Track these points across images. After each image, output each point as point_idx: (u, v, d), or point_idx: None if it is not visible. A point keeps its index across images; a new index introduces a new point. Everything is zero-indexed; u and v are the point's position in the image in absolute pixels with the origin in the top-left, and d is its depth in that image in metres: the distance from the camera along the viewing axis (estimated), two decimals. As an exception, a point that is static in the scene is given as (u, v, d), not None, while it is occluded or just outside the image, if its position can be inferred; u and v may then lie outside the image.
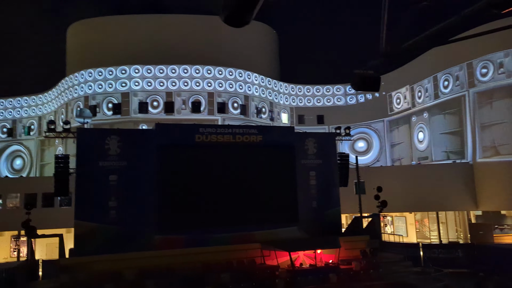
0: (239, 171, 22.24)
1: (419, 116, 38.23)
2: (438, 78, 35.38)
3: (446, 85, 34.62)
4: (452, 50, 33.80)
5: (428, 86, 36.58)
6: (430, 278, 21.49)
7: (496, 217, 32.10)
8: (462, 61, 33.01)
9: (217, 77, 38.11)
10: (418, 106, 37.94)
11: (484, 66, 31.57)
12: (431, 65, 36.10)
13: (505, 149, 30.06)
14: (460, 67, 33.30)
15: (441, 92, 35.10)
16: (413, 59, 38.54)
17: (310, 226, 22.61)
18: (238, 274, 18.44)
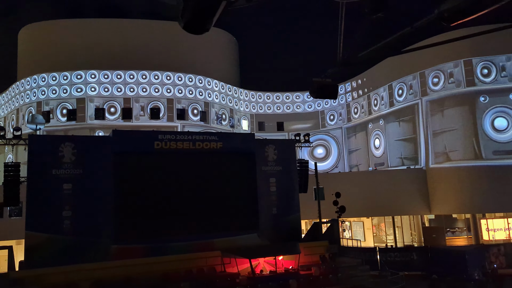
0: (199, 178, 22.00)
1: (375, 123, 39.46)
2: (393, 87, 36.73)
3: (400, 93, 35.98)
4: (406, 60, 35.27)
5: (384, 95, 37.89)
6: (387, 281, 22.08)
7: (448, 221, 33.58)
8: (415, 70, 34.48)
9: (176, 83, 37.69)
10: (374, 114, 39.18)
11: (436, 75, 33.11)
12: (386, 74, 37.45)
13: (456, 155, 31.55)
14: (413, 76, 34.74)
15: (396, 100, 36.44)
16: (369, 68, 39.88)
17: (271, 232, 22.69)
18: (198, 282, 18.16)
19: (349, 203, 26.05)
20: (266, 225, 22.98)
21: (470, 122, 31.19)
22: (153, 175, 21.27)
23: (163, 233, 20.35)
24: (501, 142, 30.33)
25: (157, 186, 21.15)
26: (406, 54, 28.86)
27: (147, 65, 37.44)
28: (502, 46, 30.84)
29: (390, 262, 25.08)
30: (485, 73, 31.16)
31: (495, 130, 30.51)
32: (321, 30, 36.35)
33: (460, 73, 31.82)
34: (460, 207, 31.36)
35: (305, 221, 32.58)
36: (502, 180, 29.32)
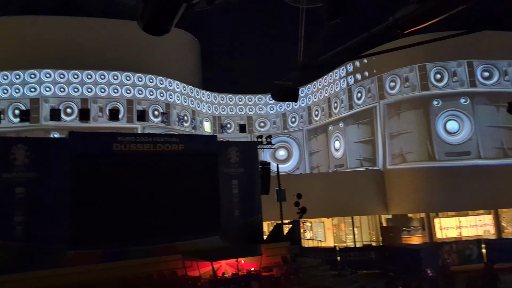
0: (159, 181, 21.64)
1: (335, 125, 40.35)
2: (352, 90, 37.70)
3: (359, 96, 36.99)
4: (364, 64, 36.40)
5: (343, 98, 38.81)
6: (347, 280, 22.61)
7: (404, 220, 34.82)
8: (373, 74, 35.59)
9: (136, 84, 36.93)
10: (335, 116, 40.05)
11: (392, 80, 34.30)
12: (346, 77, 38.42)
13: (411, 157, 32.79)
14: (371, 80, 35.82)
15: (355, 103, 37.42)
16: (329, 72, 40.77)
17: (233, 234, 22.65)
18: (159, 287, 17.84)
19: (310, 204, 26.44)
20: (228, 227, 22.93)
21: (424, 125, 32.52)
22: (112, 178, 20.71)
23: (122, 237, 19.84)
24: (452, 144, 31.82)
25: (116, 189, 20.61)
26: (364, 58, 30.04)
27: (105, 65, 36.43)
28: (453, 52, 32.39)
29: (349, 261, 25.69)
30: (438, 78, 32.60)
31: (447, 132, 31.97)
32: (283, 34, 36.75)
33: (415, 78, 33.12)
34: (415, 206, 32.61)
35: (267, 223, 32.78)
36: (453, 181, 30.76)
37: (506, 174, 28.96)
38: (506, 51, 32.76)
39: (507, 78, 32.50)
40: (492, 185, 30.10)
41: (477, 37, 32.49)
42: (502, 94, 31.30)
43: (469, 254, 25.77)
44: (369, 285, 15.80)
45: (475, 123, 31.71)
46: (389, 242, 30.43)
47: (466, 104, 32.12)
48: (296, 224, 25.51)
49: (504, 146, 31.52)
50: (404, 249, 26.47)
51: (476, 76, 32.34)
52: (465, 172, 30.90)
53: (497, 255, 25.12)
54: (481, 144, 31.51)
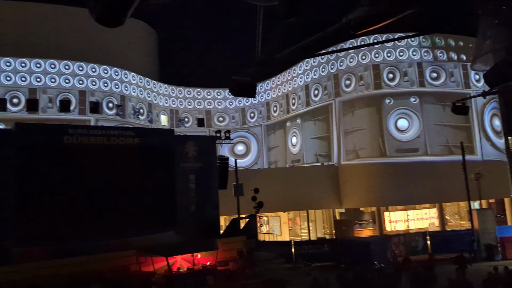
0: (113, 176, 21.09)
1: (292, 121, 40.96)
2: (310, 87, 38.40)
3: (316, 93, 37.74)
4: (321, 62, 37.16)
5: (301, 94, 39.45)
6: (301, 273, 23.12)
7: (356, 214, 36.06)
8: (330, 72, 36.41)
9: (90, 74, 35.65)
10: (292, 113, 40.64)
11: (348, 78, 35.25)
12: (303, 75, 39.07)
13: (364, 153, 33.93)
14: (328, 78, 36.63)
15: (312, 100, 38.14)
16: (288, 68, 41.27)
17: (189, 229, 22.50)
18: (111, 283, 17.43)
19: (267, 199, 26.77)
20: (185, 222, 22.75)
21: (376, 122, 33.72)
22: (63, 172, 19.96)
23: (72, 233, 19.22)
24: (402, 141, 33.23)
25: (67, 183, 19.89)
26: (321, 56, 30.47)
27: (56, 53, 34.87)
28: (403, 53, 33.75)
29: (304, 254, 26.26)
30: (390, 78, 33.87)
31: (398, 130, 33.34)
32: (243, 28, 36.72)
33: (369, 77, 34.23)
34: (367, 201, 33.84)
35: (224, 217, 32.84)
36: (403, 176, 32.18)
37: (451, 170, 30.60)
38: (453, 53, 34.55)
39: (453, 79, 34.30)
40: (438, 181, 31.76)
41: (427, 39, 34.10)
42: (448, 94, 33.00)
43: (415, 246, 27.07)
44: (321, 277, 16.24)
45: (423, 121, 33.28)
46: (342, 235, 31.40)
47: (416, 103, 33.61)
48: (253, 219, 25.75)
49: (449, 143, 33.30)
50: (355, 242, 27.41)
51: (425, 76, 33.89)
52: (413, 168, 32.40)
53: (440, 247, 26.59)
54: (428, 142, 33.14)
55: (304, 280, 20.15)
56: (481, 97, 31.49)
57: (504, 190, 35.66)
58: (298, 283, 19.83)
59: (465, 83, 34.47)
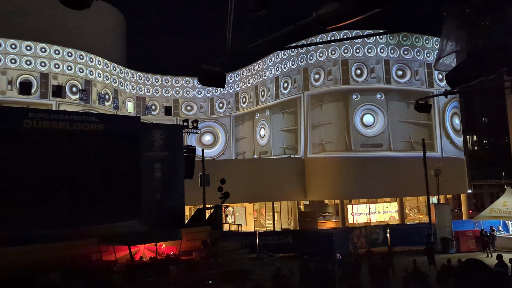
0: (76, 162, 20.48)
1: (261, 113, 41.06)
2: (279, 80, 38.56)
3: (285, 86, 37.95)
4: (291, 55, 37.33)
5: (271, 86, 39.56)
6: (264, 263, 23.40)
7: (320, 206, 36.76)
8: (300, 66, 36.66)
9: (53, 57, 34.31)
10: (261, 104, 40.73)
11: (317, 72, 35.63)
12: (274, 67, 39.15)
13: (330, 146, 34.52)
14: (297, 71, 36.89)
15: (281, 92, 38.34)
16: (258, 60, 41.23)
17: (153, 218, 22.25)
18: (70, 272, 17.03)
19: (234, 190, 26.82)
20: (149, 211, 22.44)
21: (343, 117, 34.35)
22: (22, 157, 19.19)
23: (31, 220, 18.57)
24: (368, 136, 34.04)
25: (26, 169, 19.15)
26: (292, 49, 30.55)
27: (17, 33, 33.33)
28: (371, 50, 34.42)
29: (268, 245, 26.57)
30: (358, 73, 34.50)
31: (363, 125, 34.09)
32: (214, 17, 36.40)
33: (338, 72, 34.73)
34: (331, 193, 34.55)
35: (190, 207, 32.67)
36: (366, 170, 33.01)
37: (412, 166, 31.66)
38: (419, 52, 35.56)
39: (417, 78, 35.36)
40: (399, 176, 32.82)
41: (395, 37, 34.90)
42: (413, 92, 34.01)
43: (376, 238, 27.94)
44: (284, 268, 16.51)
45: (388, 117, 34.17)
46: (306, 226, 31.95)
47: (381, 99, 34.45)
48: (218, 209, 25.74)
49: (412, 140, 34.40)
50: (318, 233, 27.95)
51: (391, 74, 34.75)
52: (377, 162, 33.29)
53: (400, 239, 27.56)
54: (392, 138, 34.10)
55: (267, 270, 20.40)
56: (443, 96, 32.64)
57: (461, 186, 37.32)
58: (261, 273, 20.07)
59: (429, 82, 35.61)
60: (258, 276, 19.55)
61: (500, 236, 26.18)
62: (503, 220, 26.99)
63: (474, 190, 56.43)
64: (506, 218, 26.60)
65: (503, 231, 26.95)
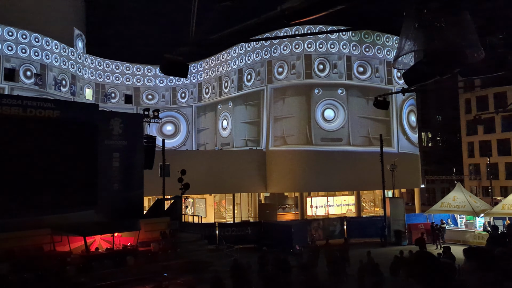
0: (29, 149, 19.59)
1: (224, 104, 40.88)
2: (243, 71, 38.48)
3: (249, 78, 37.94)
4: (255, 47, 37.30)
5: (234, 78, 39.42)
6: (223, 254, 23.47)
7: (280, 198, 37.21)
8: (264, 58, 36.73)
9: (6, 38, 32.52)
10: (224, 96, 40.53)
11: (281, 65, 35.85)
12: (237, 59, 39.00)
13: (291, 140, 34.94)
14: (261, 64, 36.95)
15: (244, 84, 38.30)
16: (222, 51, 40.92)
17: (110, 209, 21.69)
18: (21, 263, 16.37)
19: (194, 181, 26.64)
20: (106, 201, 21.86)
21: (305, 111, 34.82)
22: (-31, 142, 18.17)
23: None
24: (328, 130, 34.72)
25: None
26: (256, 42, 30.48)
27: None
28: (334, 45, 35.01)
29: (227, 236, 26.66)
30: (320, 68, 35.02)
31: (324, 120, 34.72)
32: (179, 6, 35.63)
33: (301, 66, 35.09)
34: (291, 186, 35.04)
35: (149, 198, 32.18)
36: (326, 164, 33.70)
37: (369, 160, 32.62)
38: (379, 50, 36.52)
39: (377, 75, 36.36)
40: (357, 170, 33.75)
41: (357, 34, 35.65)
42: (372, 88, 34.96)
43: (333, 230, 28.69)
44: (243, 259, 16.63)
45: (348, 112, 34.97)
46: (265, 218, 32.29)
47: (342, 95, 35.18)
48: (178, 200, 25.50)
49: (370, 135, 35.42)
50: (277, 225, 28.33)
51: (352, 70, 35.52)
52: (336, 156, 34.06)
53: (356, 231, 28.43)
54: (352, 132, 34.97)
55: (226, 262, 20.48)
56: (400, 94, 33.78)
57: (415, 181, 38.91)
58: (219, 265, 20.13)
59: (388, 79, 36.71)
60: (216, 267, 19.59)
61: (449, 229, 27.56)
62: (452, 214, 28.38)
63: (426, 185, 59.07)
64: (455, 212, 28.01)
65: (452, 224, 28.37)
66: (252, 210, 37.30)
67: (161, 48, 23.48)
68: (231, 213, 35.59)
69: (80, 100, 37.77)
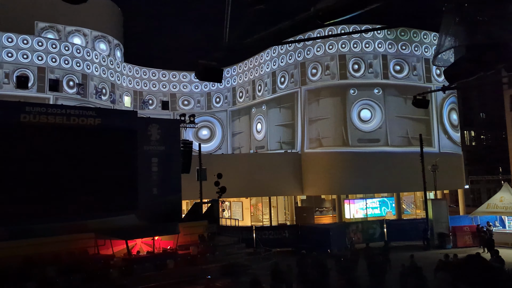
0: (73, 156, 20.43)
1: (258, 108, 40.98)
2: (276, 74, 38.46)
3: (282, 81, 37.87)
4: (288, 49, 37.19)
5: (268, 81, 39.47)
6: (261, 258, 23.46)
7: (317, 201, 36.82)
8: (297, 60, 36.57)
9: (50, 50, 34.07)
10: (258, 99, 40.65)
11: (314, 67, 35.55)
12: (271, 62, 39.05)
13: (327, 141, 34.53)
14: (295, 66, 36.79)
15: (278, 87, 38.26)
16: (255, 54, 41.08)
17: (150, 213, 22.25)
18: (67, 266, 17.04)
19: (230, 184, 26.82)
20: (146, 205, 22.45)
21: (341, 112, 34.32)
22: (18, 151, 19.13)
23: (28, 214, 18.53)
24: (365, 131, 34.05)
25: (23, 163, 19.08)
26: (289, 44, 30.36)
27: (13, 27, 33.08)
28: (369, 45, 34.37)
29: (264, 239, 26.62)
30: (355, 68, 34.44)
31: (360, 120, 34.10)
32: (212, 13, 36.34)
33: (335, 67, 34.66)
34: (328, 188, 34.58)
35: (186, 202, 32.69)
36: (363, 165, 33.04)
37: (409, 161, 31.68)
38: (417, 47, 35.51)
39: (415, 73, 35.33)
40: (396, 171, 32.88)
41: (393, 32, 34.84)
42: (410, 87, 33.97)
43: (373, 233, 28.04)
44: (281, 262, 16.55)
45: (385, 112, 34.18)
46: (303, 221, 32.00)
47: (379, 94, 34.43)
48: (215, 203, 25.76)
49: (409, 135, 34.44)
50: (315, 228, 28.01)
51: (389, 69, 34.71)
52: (374, 158, 33.32)
53: (397, 234, 27.67)
54: (389, 133, 34.13)
55: (264, 265, 20.47)
56: (441, 92, 32.69)
57: (458, 182, 37.44)
58: (258, 268, 20.12)
59: (426, 77, 35.60)
60: (255, 270, 19.59)
61: (497, 231, 26.30)
62: (499, 215, 27.09)
63: (471, 186, 56.71)
64: (502, 214, 26.71)
65: (499, 227, 27.07)
66: (288, 213, 37.11)
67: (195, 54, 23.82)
68: (268, 216, 35.54)
69: (120, 108, 38.98)
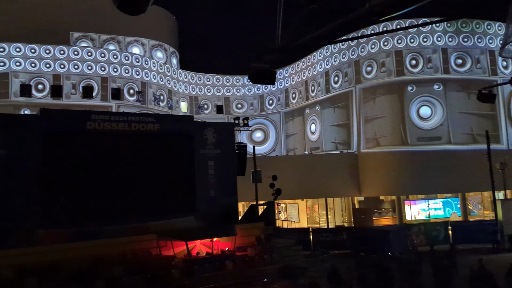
0: (134, 161, 21.40)
1: (311, 108, 40.61)
2: (330, 74, 37.90)
3: (336, 80, 37.25)
4: (342, 48, 36.55)
5: (321, 81, 39.01)
6: (318, 260, 23.16)
7: (376, 202, 35.73)
8: (350, 59, 35.81)
9: (111, 61, 36.03)
10: (311, 100, 40.27)
11: (369, 64, 34.62)
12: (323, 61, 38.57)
13: (384, 141, 33.46)
14: (348, 64, 36.06)
15: (331, 87, 37.68)
16: (308, 55, 40.79)
17: (208, 215, 22.73)
18: (132, 266, 17.86)
19: (285, 186, 26.78)
20: (204, 207, 22.98)
21: (398, 109, 33.11)
22: (85, 156, 20.36)
23: (94, 216, 19.65)
24: (425, 129, 32.59)
25: (89, 168, 20.29)
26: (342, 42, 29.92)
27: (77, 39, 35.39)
28: (427, 39, 32.88)
29: (322, 242, 26.26)
30: (413, 64, 33.11)
31: (420, 118, 32.69)
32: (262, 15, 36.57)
33: (391, 63, 33.52)
34: (387, 189, 33.46)
35: (242, 203, 33.05)
36: (424, 165, 31.63)
37: (474, 159, 29.91)
38: (480, 39, 33.48)
39: (479, 66, 33.31)
40: (461, 170, 31.11)
41: (453, 24, 33.12)
42: (474, 81, 32.08)
43: (437, 236, 26.71)
44: (340, 265, 16.24)
45: (447, 109, 32.51)
46: (361, 223, 31.19)
47: (439, 90, 32.82)
48: (271, 205, 25.83)
49: (474, 132, 32.50)
50: (374, 230, 27.19)
51: (449, 63, 33.00)
52: (436, 156, 31.78)
53: (463, 237, 26.17)
54: (452, 130, 32.40)
55: (322, 267, 20.18)
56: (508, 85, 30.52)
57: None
58: (316, 270, 19.88)
59: (492, 70, 33.45)
60: (312, 272, 19.38)
61: None
62: None
63: (545, 184, 52.31)
64: None
65: None
66: (346, 214, 36.36)
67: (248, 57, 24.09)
68: (324, 218, 35.05)
69: (177, 113, 40.31)
